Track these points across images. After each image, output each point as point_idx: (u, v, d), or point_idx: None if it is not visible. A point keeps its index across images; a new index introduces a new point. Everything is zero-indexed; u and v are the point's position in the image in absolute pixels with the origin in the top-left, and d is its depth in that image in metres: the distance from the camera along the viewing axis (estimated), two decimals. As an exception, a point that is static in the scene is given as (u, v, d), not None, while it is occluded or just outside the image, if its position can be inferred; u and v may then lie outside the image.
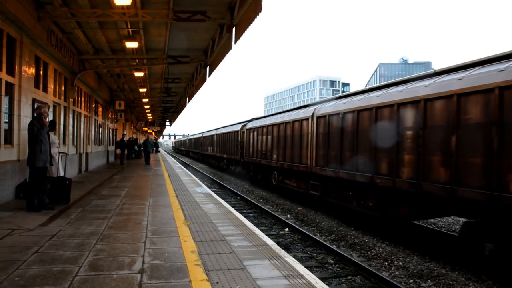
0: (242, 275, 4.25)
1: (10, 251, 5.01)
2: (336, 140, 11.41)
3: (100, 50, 14.12)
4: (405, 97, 8.57)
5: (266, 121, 18.62)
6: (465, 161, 6.95)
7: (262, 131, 18.78)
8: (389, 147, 8.97)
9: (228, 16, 10.19)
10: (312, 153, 13.05)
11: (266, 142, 18.18)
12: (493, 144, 6.40)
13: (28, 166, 7.76)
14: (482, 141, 6.67)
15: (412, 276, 6.91)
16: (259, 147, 19.27)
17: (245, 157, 22.10)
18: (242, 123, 24.79)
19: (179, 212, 8.02)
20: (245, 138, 22.43)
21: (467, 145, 6.95)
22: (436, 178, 7.51)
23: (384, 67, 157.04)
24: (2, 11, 7.82)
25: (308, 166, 13.28)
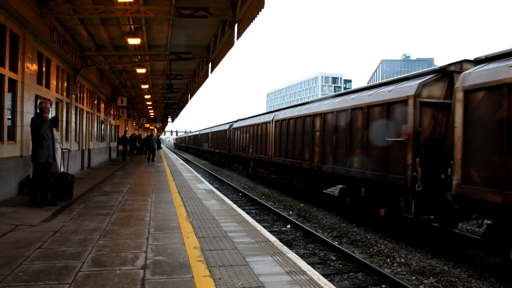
0: (245, 271, 4.27)
1: (14, 247, 5.03)
2: (284, 138, 15.76)
3: (103, 46, 14.13)
4: (317, 110, 12.90)
5: (247, 122, 22.80)
6: (338, 151, 11.32)
7: (243, 130, 23.09)
8: (310, 142, 13.21)
9: (231, 13, 10.16)
10: (271, 147, 17.40)
11: (245, 139, 22.53)
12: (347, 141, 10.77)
13: (32, 161, 7.82)
14: (345, 139, 10.92)
15: (414, 273, 6.91)
16: (241, 143, 23.67)
17: (231, 152, 26.68)
18: (230, 123, 28.92)
19: (182, 208, 8.04)
20: (231, 135, 26.75)
21: (340, 141, 11.20)
22: (327, 161, 11.91)
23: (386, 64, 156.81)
24: (5, 7, 7.83)
25: (270, 157, 17.59)
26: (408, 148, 8.25)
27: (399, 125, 8.67)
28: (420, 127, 8.15)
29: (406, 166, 8.26)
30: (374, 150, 9.50)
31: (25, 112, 9.21)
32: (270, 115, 18.43)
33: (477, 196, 6.56)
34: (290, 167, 15.13)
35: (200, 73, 17.84)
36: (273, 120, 17.43)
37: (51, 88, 11.67)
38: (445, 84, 8.30)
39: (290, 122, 15.16)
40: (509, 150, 6.03)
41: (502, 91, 6.22)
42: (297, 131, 14.35)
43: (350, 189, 11.06)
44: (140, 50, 14.44)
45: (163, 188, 11.24)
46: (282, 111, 17.39)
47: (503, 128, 6.18)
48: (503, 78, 6.21)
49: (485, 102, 6.61)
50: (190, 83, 22.11)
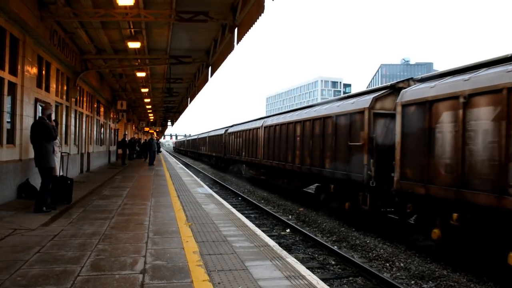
0: (244, 276, 4.26)
1: (12, 251, 5.02)
2: (272, 143, 17.34)
3: (103, 50, 14.14)
4: (298, 118, 14.60)
5: (240, 127, 24.55)
6: (314, 154, 12.85)
7: (237, 135, 24.71)
8: (292, 146, 14.82)
9: (231, 17, 10.19)
10: (261, 151, 19.00)
11: (239, 143, 24.21)
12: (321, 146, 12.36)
13: (40, 166, 7.71)
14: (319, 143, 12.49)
15: (413, 277, 6.90)
16: (235, 147, 25.34)
17: (227, 155, 28.41)
18: (226, 128, 30.77)
19: (181, 212, 8.03)
20: (226, 140, 28.50)
21: (315, 145, 12.81)
22: (305, 163, 13.53)
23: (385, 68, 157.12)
24: (6, 10, 7.85)
25: (259, 160, 19.28)
26: (364, 151, 9.92)
27: (358, 132, 10.31)
28: (374, 134, 9.83)
29: (363, 166, 9.89)
30: (340, 153, 11.22)
31: (25, 116, 9.22)
32: (260, 122, 20.17)
33: (410, 189, 8.30)
34: (276, 169, 16.94)
35: (200, 77, 17.86)
36: (262, 126, 19.25)
37: (50, 92, 11.68)
38: (395, 98, 9.41)
39: (277, 128, 16.94)
40: (429, 153, 7.76)
41: (425, 106, 7.92)
42: (282, 137, 16.09)
43: (323, 187, 12.69)
44: (140, 53, 14.47)
45: (163, 192, 11.23)
46: (270, 118, 19.32)
47: (425, 136, 7.88)
48: (426, 96, 7.97)
49: (415, 114, 8.29)
50: (190, 87, 22.13)
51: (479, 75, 6.97)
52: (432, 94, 7.82)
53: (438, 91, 7.70)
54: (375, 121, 9.91)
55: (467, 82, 7.08)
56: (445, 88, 7.59)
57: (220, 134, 31.29)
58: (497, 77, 6.54)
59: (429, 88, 8.02)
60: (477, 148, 6.79)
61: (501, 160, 6.28)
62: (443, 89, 7.61)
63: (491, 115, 6.58)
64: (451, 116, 7.38)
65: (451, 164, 7.27)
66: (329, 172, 11.76)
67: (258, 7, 8.38)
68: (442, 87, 7.69)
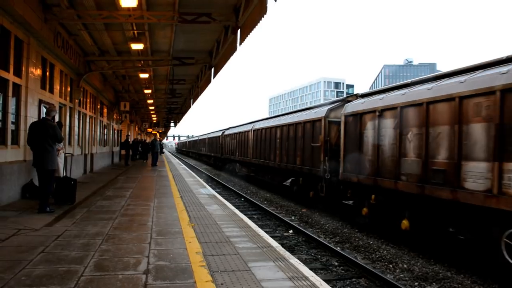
0: (247, 277, 4.26)
1: (17, 251, 5.05)
2: (259, 144, 20.18)
3: (106, 51, 14.20)
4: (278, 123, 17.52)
5: (234, 130, 27.52)
6: (289, 153, 15.70)
7: (232, 137, 27.63)
8: (274, 147, 17.66)
9: (233, 18, 10.22)
10: (251, 151, 21.86)
11: (233, 144, 27.10)
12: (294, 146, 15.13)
13: (42, 168, 7.65)
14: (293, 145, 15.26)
15: (417, 278, 6.89)
16: (230, 148, 28.34)
17: (223, 155, 31.40)
18: (223, 130, 33.95)
19: (184, 213, 8.04)
20: (223, 141, 31.53)
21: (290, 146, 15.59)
22: (283, 161, 16.36)
23: (388, 69, 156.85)
24: (10, 13, 7.90)
25: (249, 159, 22.10)
26: (322, 150, 12.71)
27: (318, 136, 13.11)
28: (328, 137, 12.61)
29: (321, 163, 12.67)
30: (306, 152, 13.98)
31: (29, 117, 9.26)
32: (250, 125, 23.12)
33: (349, 179, 11.03)
34: (263, 166, 19.71)
35: (203, 78, 17.90)
36: (252, 129, 22.01)
37: (54, 93, 11.74)
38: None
39: (263, 131, 19.77)
40: (360, 152, 10.41)
41: (357, 117, 10.61)
42: (266, 139, 18.99)
43: (296, 180, 15.23)
44: (143, 55, 14.52)
45: (166, 193, 11.25)
46: (258, 122, 22.15)
47: (358, 139, 10.55)
48: (358, 109, 10.63)
49: (352, 123, 10.98)
50: (192, 88, 22.18)
51: (388, 95, 9.60)
52: (361, 108, 10.47)
53: (365, 106, 10.36)
54: (330, 127, 12.73)
55: (381, 100, 9.74)
56: (369, 104, 10.24)
57: (218, 136, 34.45)
58: (396, 98, 9.14)
59: (361, 103, 10.66)
60: (385, 148, 9.40)
61: (396, 156, 8.89)
62: (368, 105, 10.27)
63: (392, 124, 9.12)
64: (371, 124, 9.98)
65: (372, 160, 9.89)
66: (299, 168, 14.65)
67: (261, 8, 8.41)
68: (368, 103, 10.33)
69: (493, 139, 6.53)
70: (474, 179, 6.86)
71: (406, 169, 8.56)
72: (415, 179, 8.27)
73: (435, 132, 7.83)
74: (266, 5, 8.19)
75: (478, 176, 6.78)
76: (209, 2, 9.79)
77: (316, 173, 12.97)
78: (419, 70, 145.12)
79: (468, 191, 6.92)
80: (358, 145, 10.47)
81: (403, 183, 8.63)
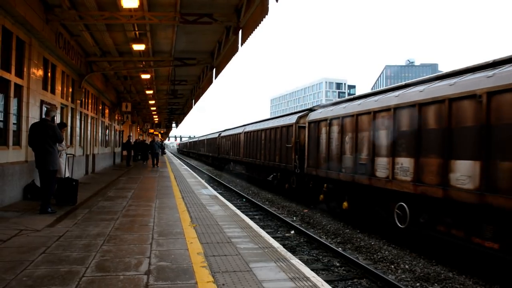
0: (248, 277, 4.26)
1: (18, 252, 5.05)
2: (248, 145, 23.15)
3: (107, 52, 14.22)
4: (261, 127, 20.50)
5: (228, 132, 31.10)
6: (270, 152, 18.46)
7: (227, 138, 30.97)
8: (260, 148, 20.47)
9: (235, 19, 10.22)
10: (242, 151, 24.71)
11: (228, 145, 30.32)
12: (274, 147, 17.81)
13: (44, 169, 7.65)
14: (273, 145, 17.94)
15: (418, 279, 6.87)
16: (225, 148, 31.54)
17: (220, 155, 34.64)
18: (219, 132, 37.61)
19: (185, 214, 8.04)
20: (219, 142, 34.99)
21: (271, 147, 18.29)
22: (266, 159, 19.12)
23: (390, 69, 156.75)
24: (12, 14, 7.91)
25: (241, 158, 25.03)
26: (293, 150, 15.55)
27: (290, 138, 15.96)
28: (298, 139, 15.34)
29: (292, 160, 15.52)
30: (283, 151, 16.84)
31: (31, 118, 9.27)
32: (242, 128, 25.89)
33: (310, 172, 13.73)
34: (252, 164, 22.57)
35: (205, 78, 17.90)
36: (243, 131, 24.83)
37: (56, 94, 11.75)
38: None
39: (251, 134, 22.59)
40: (317, 151, 13.13)
41: (316, 124, 13.44)
42: (254, 140, 21.87)
43: (275, 175, 18.09)
44: (144, 56, 14.53)
45: (167, 194, 11.26)
46: (248, 125, 25.03)
47: (316, 141, 13.28)
48: (316, 118, 13.44)
49: (313, 128, 13.73)
50: (194, 88, 22.19)
51: (336, 107, 12.40)
52: (319, 117, 13.31)
53: (321, 115, 13.15)
54: (299, 131, 15.43)
55: (331, 111, 12.54)
56: (324, 114, 13.04)
57: (215, 137, 37.88)
58: (340, 110, 11.87)
59: (319, 113, 13.54)
60: (333, 148, 12.09)
61: (339, 154, 11.58)
62: (323, 114, 13.04)
63: (337, 130, 11.86)
64: (325, 130, 12.71)
65: (325, 157, 12.59)
66: (277, 165, 17.50)
67: (262, 9, 8.40)
68: (323, 113, 13.11)
69: (385, 143, 9.39)
70: (381, 169, 9.50)
71: (345, 164, 11.29)
72: (350, 171, 10.95)
73: (361, 136, 10.52)
74: (268, 5, 8.19)
75: (383, 167, 9.43)
76: (211, 3, 9.79)
77: (289, 168, 15.82)
78: (420, 71, 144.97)
79: (377, 178, 9.57)
80: (316, 145, 13.25)
81: (343, 174, 11.31)
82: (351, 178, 10.74)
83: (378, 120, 9.68)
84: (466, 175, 7.00)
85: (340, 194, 11.74)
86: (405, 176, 8.56)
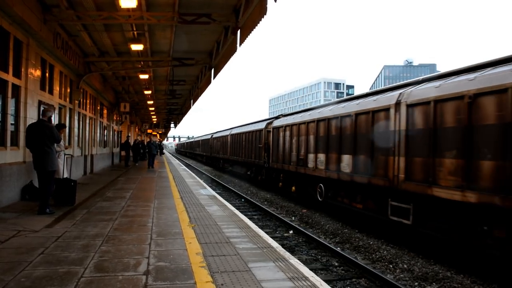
0: (247, 277, 4.26)
1: (16, 252, 5.04)
2: (233, 145, 27.49)
3: (106, 52, 14.21)
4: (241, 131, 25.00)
5: (219, 134, 35.97)
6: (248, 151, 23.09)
7: (218, 139, 35.72)
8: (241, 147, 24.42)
9: (233, 19, 10.22)
10: (229, 150, 29.17)
11: (218, 145, 35.21)
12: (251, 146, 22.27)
13: (42, 169, 7.62)
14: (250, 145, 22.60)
15: (417, 279, 6.88)
16: (217, 148, 36.25)
17: (212, 154, 39.33)
18: (211, 133, 42.97)
19: (184, 214, 8.04)
20: (212, 143, 39.59)
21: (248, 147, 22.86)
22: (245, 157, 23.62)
23: (389, 69, 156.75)
24: (10, 14, 7.90)
25: (228, 156, 29.75)
26: (263, 149, 19.57)
27: (261, 139, 19.91)
28: (266, 141, 19.07)
29: (262, 157, 19.63)
30: (257, 150, 20.82)
31: (28, 118, 9.25)
32: (229, 131, 30.59)
33: (273, 166, 17.72)
34: (236, 161, 27.03)
35: (203, 78, 17.90)
36: (230, 134, 29.19)
37: (54, 94, 11.73)
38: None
39: (235, 136, 26.82)
40: (277, 149, 17.07)
41: (277, 129, 17.40)
42: (238, 141, 25.85)
43: (251, 169, 22.71)
44: (143, 56, 14.52)
45: (166, 194, 11.25)
46: (234, 129, 29.48)
47: (277, 142, 17.20)
48: (279, 125, 17.27)
49: (275, 132, 17.57)
50: (192, 88, 22.18)
51: (290, 117, 16.83)
52: (278, 124, 17.52)
53: (280, 123, 17.38)
54: (267, 134, 19.10)
55: (286, 120, 16.76)
56: (282, 122, 17.26)
57: (208, 138, 43.23)
58: (289, 119, 16.24)
59: (279, 121, 17.89)
60: (286, 147, 16.00)
61: (289, 152, 15.53)
62: (281, 122, 17.27)
63: (289, 134, 15.76)
64: (282, 134, 16.68)
65: (282, 154, 16.56)
66: (252, 161, 21.90)
67: (261, 9, 8.40)
68: (281, 121, 17.42)
69: (313, 144, 13.37)
70: (310, 162, 13.49)
71: (292, 159, 15.28)
72: (294, 164, 15.00)
73: (301, 139, 14.53)
74: (266, 5, 8.19)
75: (311, 161, 13.39)
76: (209, 3, 9.78)
77: (261, 164, 19.91)
78: (419, 71, 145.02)
79: (309, 168, 13.58)
80: (277, 146, 17.37)
81: (291, 166, 15.37)
82: (295, 169, 14.85)
83: (310, 128, 13.76)
84: (347, 164, 11.01)
85: (290, 181, 15.99)
86: (322, 166, 12.55)
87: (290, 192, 15.82)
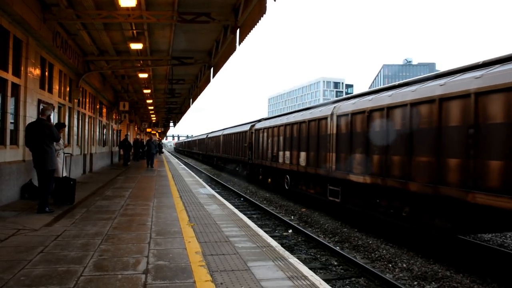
0: (246, 276, 4.26)
1: (16, 251, 5.04)
2: (225, 144, 30.57)
3: (105, 51, 14.19)
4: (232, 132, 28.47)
5: (213, 134, 39.26)
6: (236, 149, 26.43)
7: (212, 139, 39.06)
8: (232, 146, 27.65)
9: (232, 18, 10.21)
10: (221, 149, 32.53)
11: (212, 144, 38.42)
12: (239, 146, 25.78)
13: (42, 168, 7.61)
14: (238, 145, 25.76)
15: (416, 278, 6.89)
16: (211, 147, 39.50)
17: (207, 152, 42.71)
18: (206, 133, 46.86)
19: (183, 213, 8.04)
20: (207, 142, 43.08)
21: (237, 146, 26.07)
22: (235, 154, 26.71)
23: (388, 68, 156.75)
24: (9, 13, 7.89)
25: (220, 154, 32.98)
26: (248, 148, 22.29)
27: (246, 140, 22.83)
28: (251, 140, 21.84)
29: (247, 154, 22.38)
30: (242, 149, 23.94)
31: (28, 117, 9.25)
32: (221, 131, 34.08)
33: (255, 162, 20.99)
34: (226, 159, 30.51)
35: (202, 77, 17.90)
36: (221, 134, 32.56)
37: (53, 93, 11.72)
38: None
39: (226, 136, 29.96)
40: (257, 148, 20.39)
41: (258, 131, 20.52)
42: (228, 141, 28.98)
43: (239, 165, 25.86)
44: (142, 55, 14.50)
45: (165, 193, 11.25)
46: (226, 129, 32.74)
47: (258, 141, 20.45)
48: (259, 127, 20.37)
49: (256, 134, 20.85)
50: (192, 87, 22.17)
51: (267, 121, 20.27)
52: (259, 126, 20.19)
53: (260, 125, 20.17)
54: (251, 135, 21.84)
55: (268, 123, 19.27)
56: (261, 124, 20.15)
57: (204, 138, 46.90)
58: (268, 123, 19.32)
59: (260, 123, 20.63)
60: (265, 145, 18.80)
61: (266, 150, 18.55)
62: (262, 125, 19.91)
63: (268, 135, 18.51)
64: (262, 134, 19.42)
65: (261, 152, 19.25)
66: (239, 158, 24.87)
67: (260, 8, 8.40)
68: (262, 124, 20.21)
69: (282, 143, 16.30)
70: (280, 158, 16.41)
71: (268, 156, 18.18)
72: (270, 160, 17.81)
73: (274, 140, 17.39)
74: (265, 4, 8.19)
75: (281, 157, 16.28)
76: (208, 2, 9.77)
77: (246, 161, 22.76)
78: (418, 70, 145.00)
79: (279, 163, 16.46)
80: (257, 145, 20.15)
81: (267, 162, 18.22)
82: (270, 164, 17.85)
83: (280, 131, 16.74)
84: (303, 159, 14.01)
85: (267, 174, 19.25)
86: (287, 161, 15.58)
87: (267, 184, 19.07)
